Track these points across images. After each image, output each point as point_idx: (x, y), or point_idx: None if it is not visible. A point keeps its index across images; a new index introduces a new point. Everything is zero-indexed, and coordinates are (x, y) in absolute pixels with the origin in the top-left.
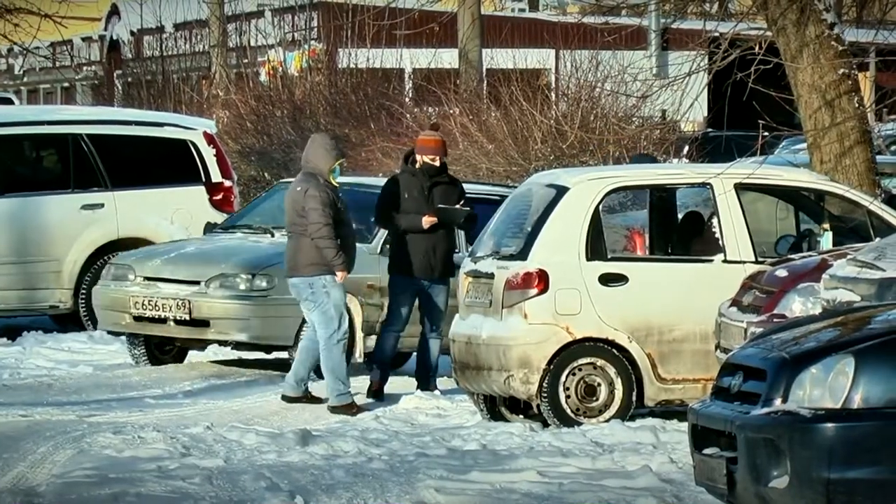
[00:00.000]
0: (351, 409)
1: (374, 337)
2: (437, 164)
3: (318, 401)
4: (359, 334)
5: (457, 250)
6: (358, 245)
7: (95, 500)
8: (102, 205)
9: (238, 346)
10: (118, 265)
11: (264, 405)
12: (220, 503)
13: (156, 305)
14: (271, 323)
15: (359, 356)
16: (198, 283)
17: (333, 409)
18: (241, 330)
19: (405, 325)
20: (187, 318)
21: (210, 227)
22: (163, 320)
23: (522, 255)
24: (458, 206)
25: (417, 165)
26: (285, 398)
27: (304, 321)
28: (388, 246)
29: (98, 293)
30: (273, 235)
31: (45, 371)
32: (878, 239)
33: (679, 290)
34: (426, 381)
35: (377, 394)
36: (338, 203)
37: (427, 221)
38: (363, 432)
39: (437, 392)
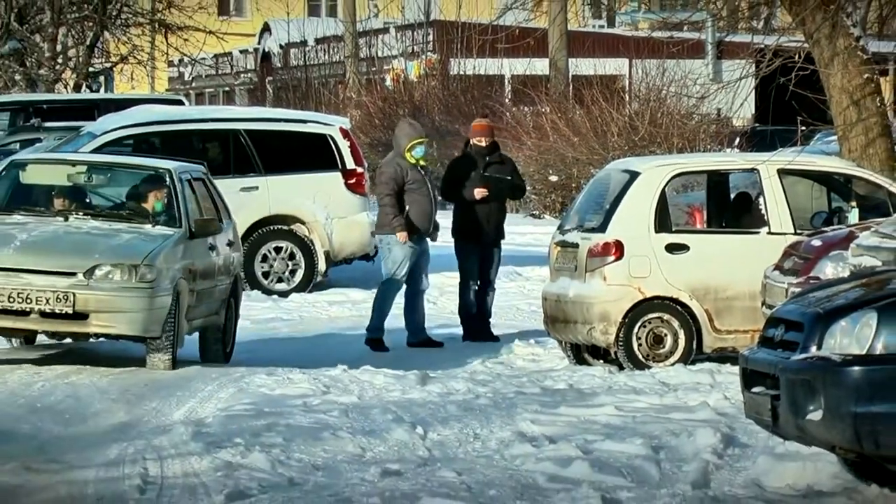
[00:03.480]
0: (377, 345)
1: None
2: (484, 144)
3: (437, 344)
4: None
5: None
6: None
7: (252, 429)
8: (257, 187)
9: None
10: None
11: (389, 353)
12: (354, 432)
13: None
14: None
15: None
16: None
17: (366, 342)
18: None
19: (476, 281)
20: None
21: None
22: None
23: (602, 228)
24: (502, 177)
25: (472, 148)
26: (409, 344)
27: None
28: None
29: None
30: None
31: None
32: (895, 215)
33: (731, 257)
34: (484, 328)
35: (474, 337)
36: (406, 176)
37: (479, 193)
38: (471, 374)
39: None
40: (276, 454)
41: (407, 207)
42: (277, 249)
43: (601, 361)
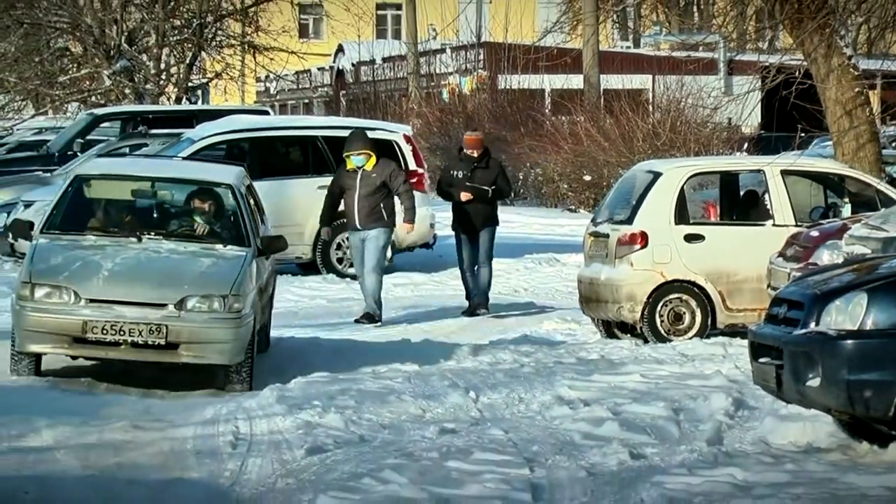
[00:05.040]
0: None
1: None
2: (475, 154)
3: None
4: None
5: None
6: None
7: (328, 393)
8: None
9: None
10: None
11: (444, 327)
12: (416, 396)
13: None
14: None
15: None
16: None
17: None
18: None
19: (471, 265)
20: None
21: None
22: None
23: (629, 220)
24: (481, 186)
25: (464, 155)
26: (356, 321)
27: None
28: None
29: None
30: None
31: (293, 303)
32: (882, 209)
33: (741, 245)
34: (483, 300)
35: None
36: (341, 178)
37: (464, 196)
38: (517, 346)
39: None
40: (348, 415)
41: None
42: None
43: (629, 336)
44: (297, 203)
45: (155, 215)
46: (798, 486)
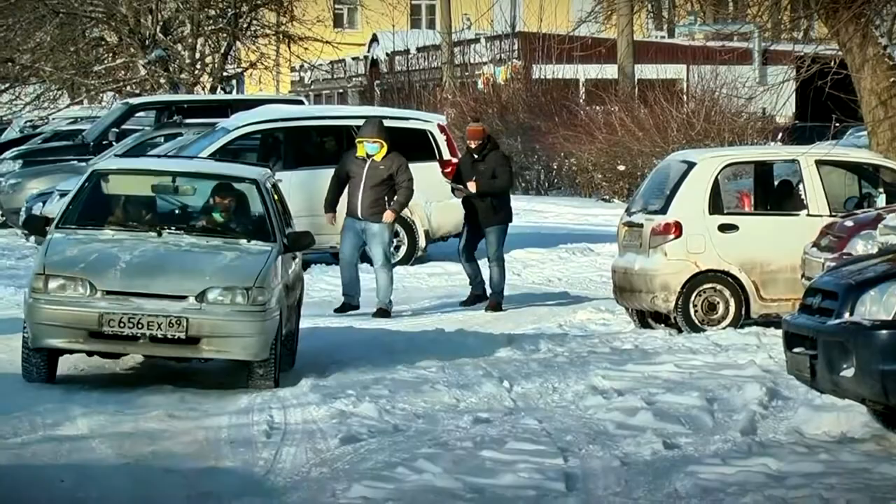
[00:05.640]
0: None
1: None
2: (474, 146)
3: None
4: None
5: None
6: None
7: (363, 382)
8: None
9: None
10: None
11: (478, 316)
12: (450, 385)
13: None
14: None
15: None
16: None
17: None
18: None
19: (468, 253)
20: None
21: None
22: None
23: (663, 210)
24: (460, 186)
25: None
26: (335, 310)
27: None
28: None
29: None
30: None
31: (327, 292)
32: None
33: (775, 235)
34: (482, 296)
35: (469, 303)
36: (347, 165)
37: (457, 193)
38: (550, 336)
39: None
40: (382, 404)
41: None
42: None
43: (662, 325)
44: None
45: (176, 211)
46: (832, 477)
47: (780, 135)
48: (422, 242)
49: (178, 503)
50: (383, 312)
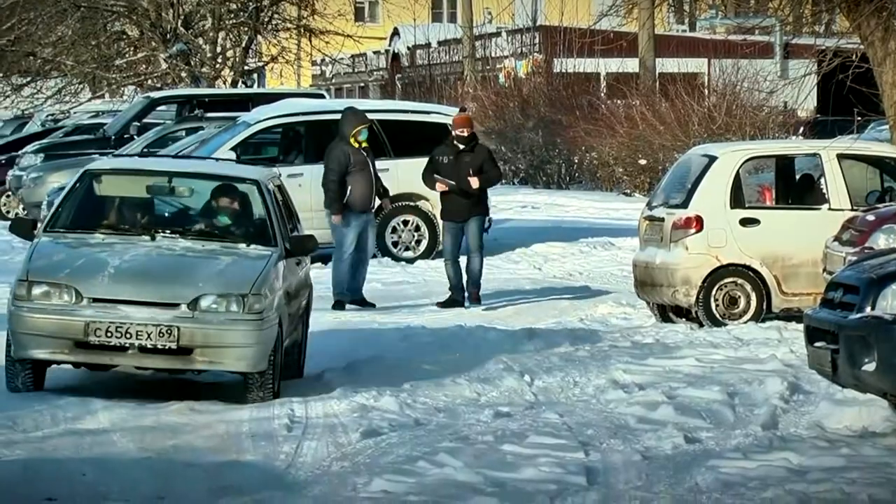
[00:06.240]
0: (341, 305)
1: None
2: (465, 134)
3: (370, 305)
4: None
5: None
6: None
7: (384, 376)
8: (388, 169)
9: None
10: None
11: (501, 312)
12: (471, 380)
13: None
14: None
15: None
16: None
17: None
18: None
19: (455, 255)
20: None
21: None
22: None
23: (684, 204)
24: (442, 179)
25: (453, 138)
26: (352, 301)
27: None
28: None
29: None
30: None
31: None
32: None
33: (797, 229)
34: (471, 294)
35: (447, 305)
36: (349, 160)
37: (439, 186)
38: (572, 330)
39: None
40: (403, 398)
41: (350, 187)
42: (405, 222)
43: (684, 319)
44: None
45: (172, 213)
46: (853, 471)
47: (802, 129)
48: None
49: (200, 497)
50: (341, 305)
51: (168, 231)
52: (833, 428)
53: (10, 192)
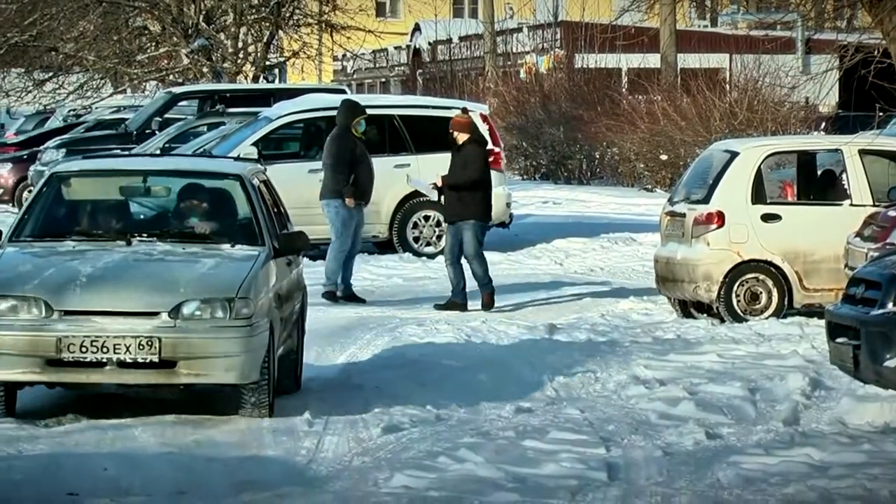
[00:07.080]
0: (333, 296)
1: None
2: (455, 135)
3: (361, 300)
4: None
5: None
6: None
7: (400, 371)
8: (409, 164)
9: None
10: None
11: (522, 307)
12: (491, 376)
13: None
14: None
15: None
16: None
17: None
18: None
19: (453, 257)
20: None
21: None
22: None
23: (706, 200)
24: (429, 184)
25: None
26: (344, 297)
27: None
28: None
29: None
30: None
31: (369, 281)
32: None
33: (818, 225)
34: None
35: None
36: (356, 149)
37: (433, 186)
38: (592, 326)
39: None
40: (424, 393)
41: (353, 177)
42: (426, 218)
43: (705, 315)
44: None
45: (148, 215)
46: (875, 467)
47: (824, 124)
48: None
49: (221, 491)
50: (332, 296)
51: (145, 234)
52: (855, 424)
53: (31, 188)
